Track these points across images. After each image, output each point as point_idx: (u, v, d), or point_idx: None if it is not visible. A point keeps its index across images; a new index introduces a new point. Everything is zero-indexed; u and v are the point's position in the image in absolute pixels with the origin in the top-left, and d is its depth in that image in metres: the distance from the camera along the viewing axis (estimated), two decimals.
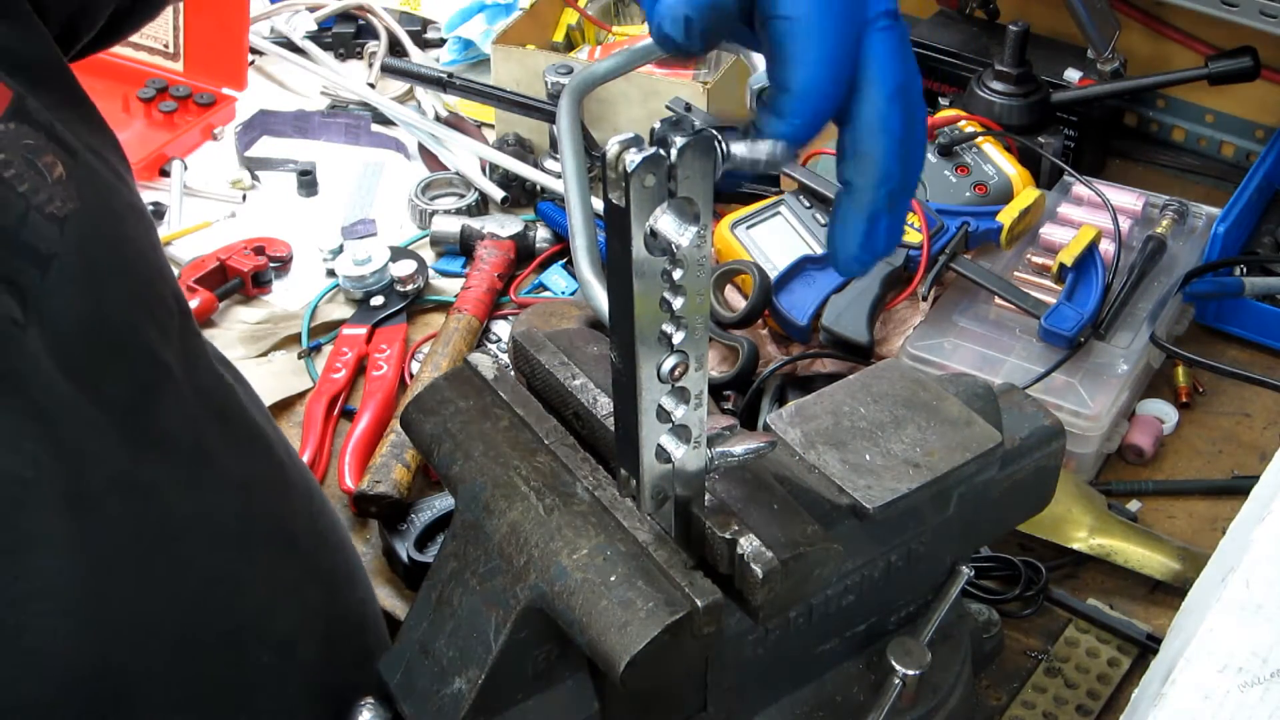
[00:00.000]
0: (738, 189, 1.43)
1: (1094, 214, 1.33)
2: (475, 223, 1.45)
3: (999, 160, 1.39)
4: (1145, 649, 1.04)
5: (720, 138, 0.55)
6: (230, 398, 0.82)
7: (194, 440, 0.75)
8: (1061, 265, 1.24)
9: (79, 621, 0.64)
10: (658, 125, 0.56)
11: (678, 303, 0.59)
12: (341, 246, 1.44)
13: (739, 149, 0.56)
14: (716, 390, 1.21)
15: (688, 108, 1.41)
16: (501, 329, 1.36)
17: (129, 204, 0.76)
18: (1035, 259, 1.30)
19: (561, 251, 1.44)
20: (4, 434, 0.63)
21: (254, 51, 1.73)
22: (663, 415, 0.64)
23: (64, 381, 0.66)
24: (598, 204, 1.54)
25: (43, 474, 0.64)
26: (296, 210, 1.53)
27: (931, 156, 1.39)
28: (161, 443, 0.72)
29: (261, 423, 0.85)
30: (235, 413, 0.81)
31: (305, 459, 1.20)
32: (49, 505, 0.64)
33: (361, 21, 1.79)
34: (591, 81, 0.58)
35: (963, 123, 1.41)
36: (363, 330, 1.34)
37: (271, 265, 1.43)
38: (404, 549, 1.09)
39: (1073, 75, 1.47)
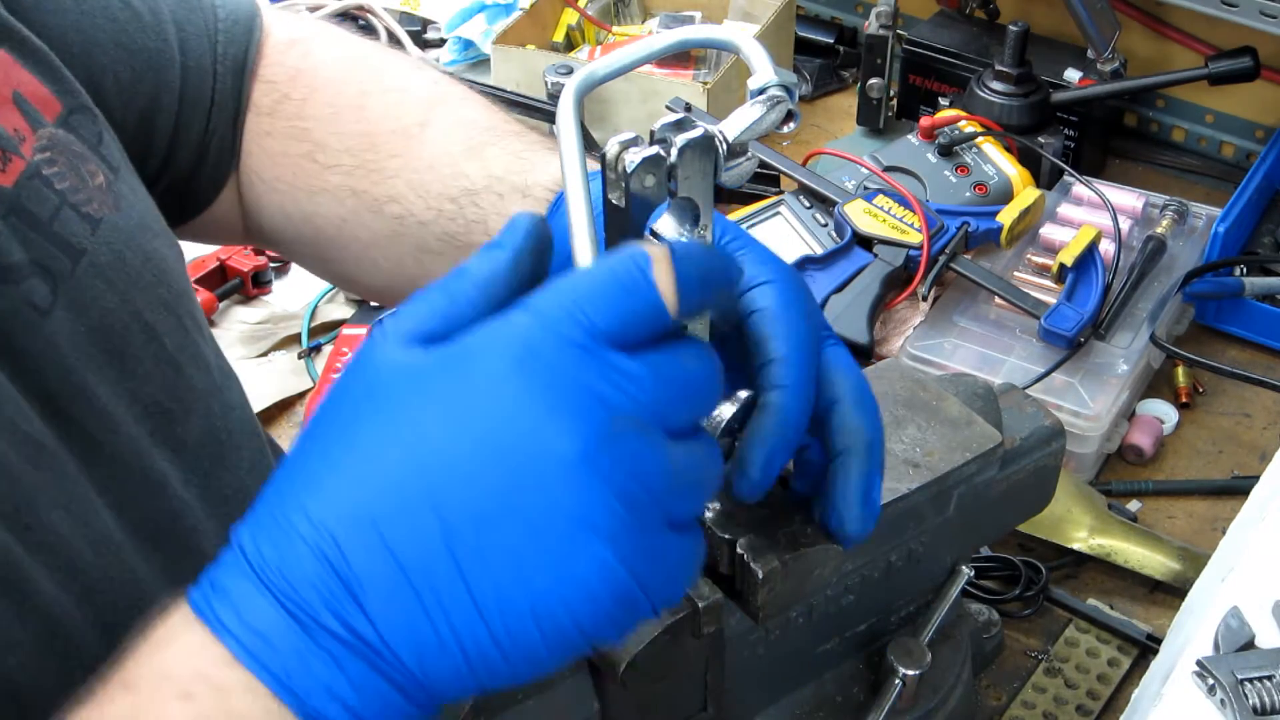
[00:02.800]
0: (736, 190, 1.43)
1: (1094, 214, 1.33)
2: None
3: (999, 160, 1.39)
4: (1145, 649, 1.04)
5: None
6: (248, 414, 0.82)
7: (208, 446, 0.75)
8: (1061, 265, 1.24)
9: (83, 588, 0.65)
10: (657, 126, 0.56)
11: None
12: None
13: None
14: None
15: (688, 108, 1.41)
16: None
17: (164, 227, 0.76)
18: (1035, 259, 1.30)
19: None
20: (18, 408, 0.64)
21: None
22: None
23: (83, 369, 0.67)
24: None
25: (53, 451, 0.65)
26: None
27: (932, 157, 1.39)
28: (175, 444, 0.73)
29: (264, 435, 0.85)
30: (250, 427, 0.82)
31: None
32: (56, 471, 0.65)
33: (361, 21, 1.79)
34: (592, 82, 0.58)
35: (963, 123, 1.41)
36: (363, 330, 1.34)
37: (271, 265, 1.43)
38: None
39: (1073, 75, 1.47)
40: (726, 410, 0.60)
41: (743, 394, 0.61)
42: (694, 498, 0.52)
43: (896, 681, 0.84)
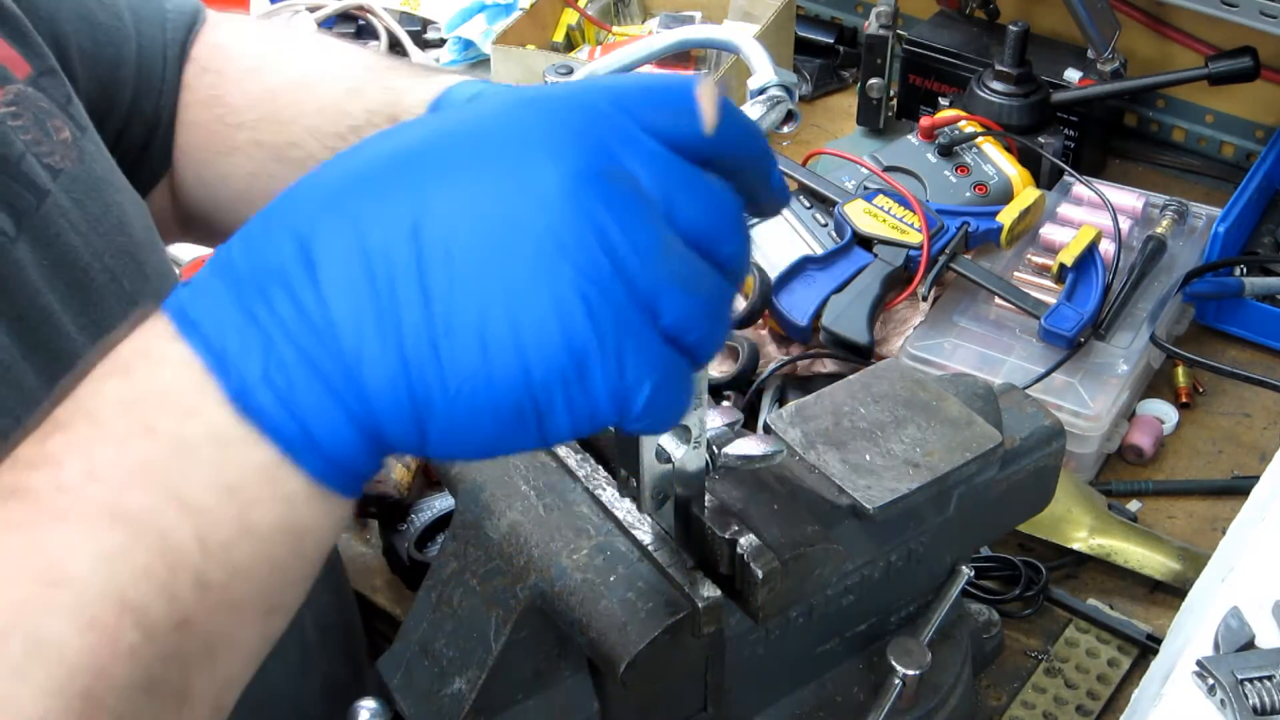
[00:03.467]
0: None
1: (1094, 214, 1.33)
2: None
3: (999, 160, 1.39)
4: (1145, 649, 1.04)
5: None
6: None
7: None
8: (1061, 265, 1.24)
9: None
10: None
11: None
12: None
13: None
14: (716, 390, 1.21)
15: None
16: None
17: (127, 185, 0.80)
18: (1035, 259, 1.30)
19: None
20: None
21: None
22: None
23: (47, 294, 0.70)
24: None
25: (20, 363, 0.68)
26: None
27: (932, 157, 1.39)
28: None
29: None
30: None
31: None
32: (24, 389, 0.67)
33: (361, 22, 1.79)
34: None
35: (963, 123, 1.41)
36: None
37: None
38: (404, 549, 1.09)
39: (1073, 75, 1.47)
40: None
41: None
42: (691, 309, 0.49)
43: (896, 681, 0.84)
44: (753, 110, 0.59)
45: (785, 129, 0.60)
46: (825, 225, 1.32)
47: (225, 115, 0.88)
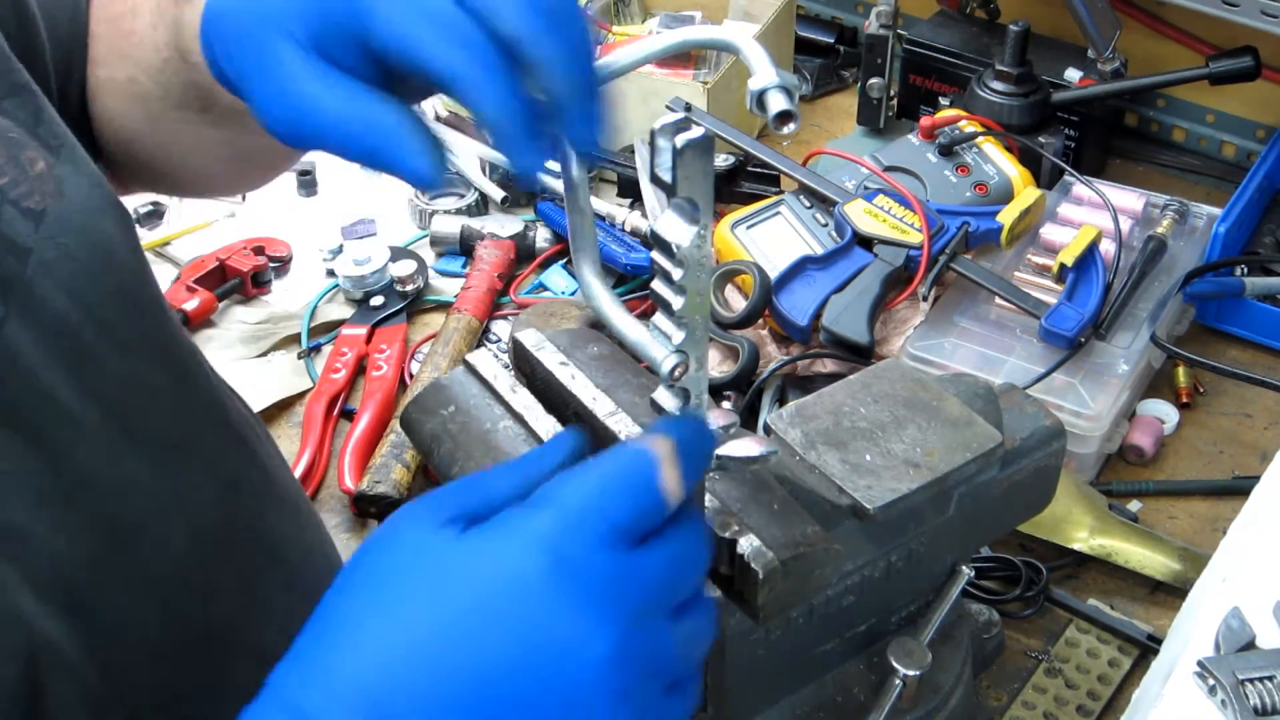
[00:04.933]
0: (736, 190, 1.43)
1: (1094, 214, 1.33)
2: (475, 223, 1.45)
3: (999, 160, 1.38)
4: (1146, 649, 1.04)
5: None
6: (219, 401, 0.82)
7: (179, 438, 0.75)
8: (1062, 265, 1.24)
9: (56, 608, 0.64)
10: (658, 125, 0.56)
11: (678, 303, 0.59)
12: (341, 246, 1.44)
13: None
14: (716, 390, 1.21)
15: (688, 108, 1.41)
16: (501, 329, 1.36)
17: (111, 201, 0.75)
18: (1035, 259, 1.30)
19: (561, 251, 1.44)
20: None
21: None
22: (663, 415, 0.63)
23: (45, 375, 0.66)
24: (598, 204, 1.54)
25: (18, 468, 0.64)
26: (296, 210, 1.53)
27: (932, 156, 1.39)
28: (145, 439, 0.72)
29: (250, 431, 0.84)
30: (223, 415, 0.81)
31: (305, 459, 1.20)
32: (23, 497, 0.64)
33: None
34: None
35: (963, 123, 1.41)
36: (362, 330, 1.34)
37: (271, 265, 1.43)
38: None
39: (1073, 75, 1.47)
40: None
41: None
42: (693, 657, 0.59)
43: (897, 682, 0.84)
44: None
45: (785, 130, 0.60)
46: (825, 225, 1.32)
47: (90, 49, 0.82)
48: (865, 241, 1.28)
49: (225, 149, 0.83)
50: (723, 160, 1.41)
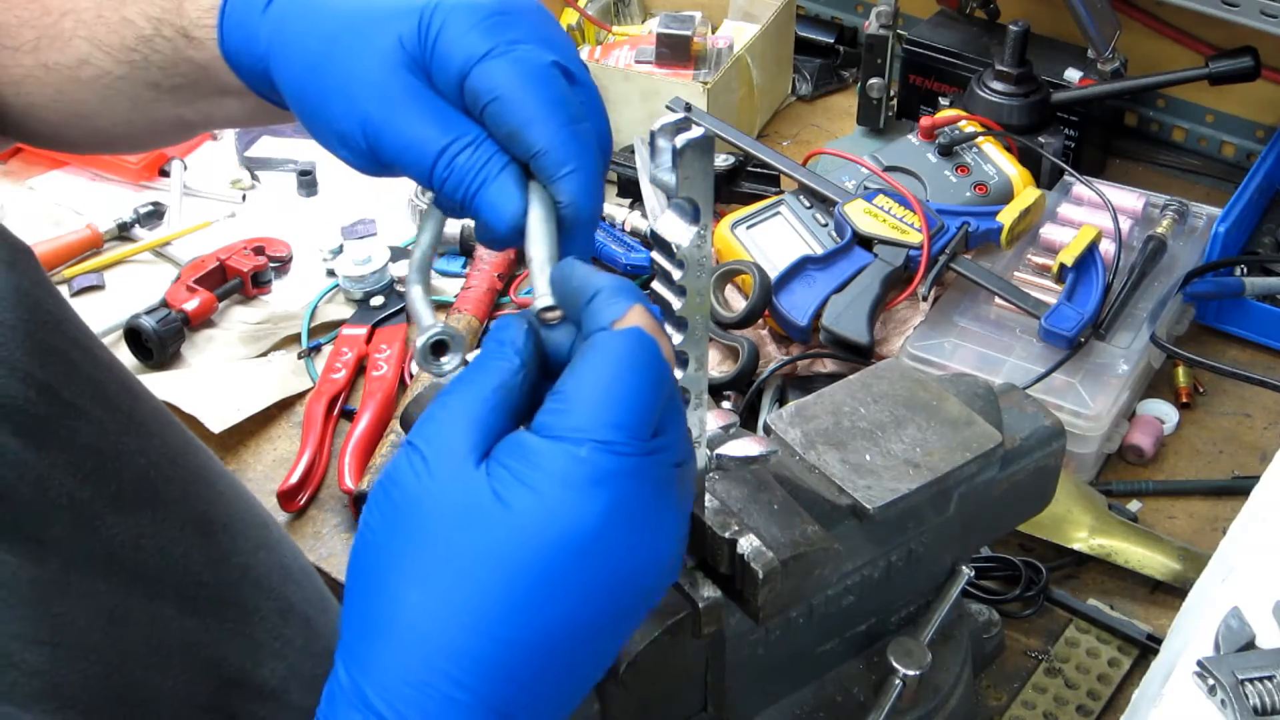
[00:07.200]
0: (736, 190, 1.43)
1: (1094, 214, 1.33)
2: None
3: (999, 160, 1.38)
4: (1145, 649, 1.04)
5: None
6: (168, 437, 0.80)
7: (146, 488, 0.74)
8: (1062, 265, 1.24)
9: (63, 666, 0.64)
10: (657, 125, 0.56)
11: (678, 303, 0.59)
12: (341, 246, 1.44)
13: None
14: (716, 390, 1.21)
15: (688, 108, 1.41)
16: None
17: (12, 246, 0.72)
18: (1035, 259, 1.30)
19: None
20: None
21: None
22: None
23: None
24: None
25: (18, 576, 0.64)
26: (296, 210, 1.53)
27: (932, 156, 1.39)
28: (111, 498, 0.71)
29: (200, 464, 0.82)
30: (174, 450, 0.79)
31: (305, 459, 1.20)
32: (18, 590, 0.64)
33: None
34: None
35: (963, 123, 1.41)
36: (363, 330, 1.34)
37: (271, 265, 1.43)
38: None
39: (1073, 75, 1.47)
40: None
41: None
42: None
43: (897, 682, 0.84)
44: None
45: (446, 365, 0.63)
46: (825, 225, 1.32)
47: (3, 40, 0.77)
48: (865, 241, 1.28)
49: (165, 123, 0.78)
50: (723, 160, 1.41)
